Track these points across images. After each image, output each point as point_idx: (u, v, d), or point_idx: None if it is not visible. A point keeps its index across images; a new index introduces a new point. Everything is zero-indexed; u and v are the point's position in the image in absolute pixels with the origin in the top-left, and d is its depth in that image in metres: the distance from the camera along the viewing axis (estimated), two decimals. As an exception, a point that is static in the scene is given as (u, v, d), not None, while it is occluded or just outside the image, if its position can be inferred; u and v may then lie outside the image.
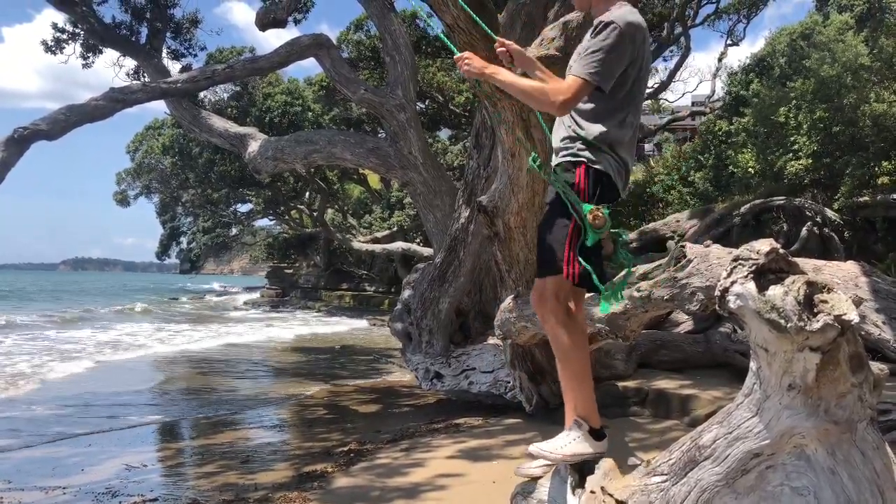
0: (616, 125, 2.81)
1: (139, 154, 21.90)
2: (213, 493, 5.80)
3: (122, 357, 16.64)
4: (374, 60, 18.96)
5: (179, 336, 21.99)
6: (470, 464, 6.11)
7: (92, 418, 9.37)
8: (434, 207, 10.10)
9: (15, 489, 6.29)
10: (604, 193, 2.80)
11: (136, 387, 12.20)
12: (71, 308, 33.93)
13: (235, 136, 10.61)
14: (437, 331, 9.32)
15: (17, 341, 18.69)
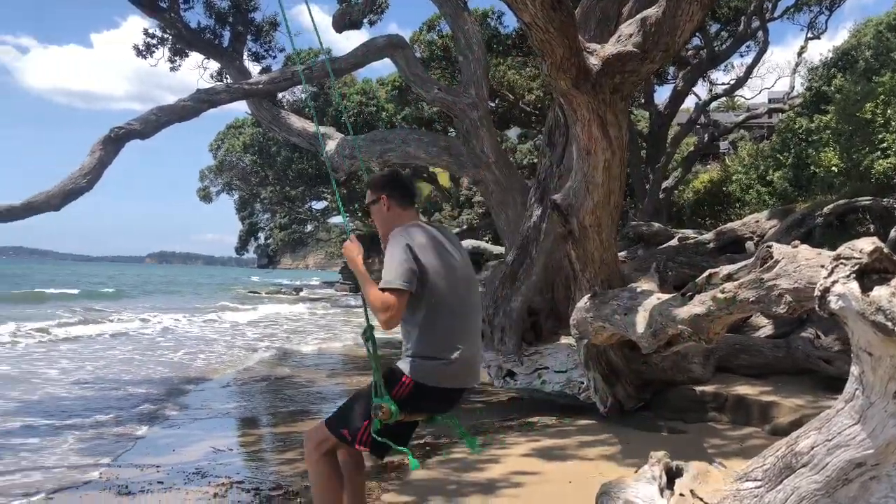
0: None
1: (221, 152, 22.69)
2: (294, 479, 5.99)
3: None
4: (445, 60, 19.09)
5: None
6: (545, 463, 6.12)
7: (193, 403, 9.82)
8: (505, 206, 10.12)
9: (113, 466, 6.67)
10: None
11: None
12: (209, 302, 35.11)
13: (313, 136, 10.88)
14: (509, 329, 9.33)
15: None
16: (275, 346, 17.94)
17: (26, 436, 7.78)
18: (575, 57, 5.42)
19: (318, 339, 20.29)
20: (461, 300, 3.23)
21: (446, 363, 3.15)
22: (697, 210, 24.19)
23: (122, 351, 15.94)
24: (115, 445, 7.46)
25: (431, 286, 3.12)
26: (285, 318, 27.78)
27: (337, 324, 25.94)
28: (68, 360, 14.09)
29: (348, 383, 12.26)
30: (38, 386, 10.96)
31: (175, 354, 15.63)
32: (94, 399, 10.07)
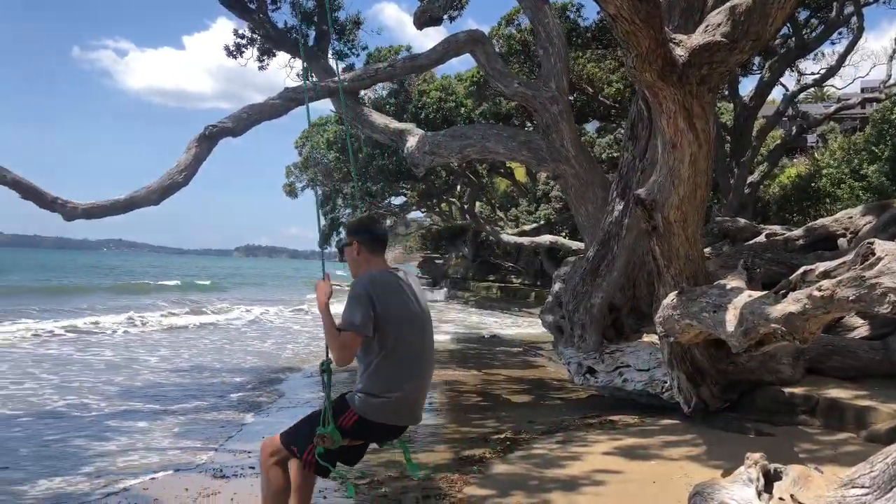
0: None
1: (306, 149, 23.35)
2: (379, 468, 6.13)
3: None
4: (524, 54, 18.97)
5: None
6: (627, 462, 6.05)
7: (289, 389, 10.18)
8: (586, 200, 10.00)
9: (208, 449, 6.99)
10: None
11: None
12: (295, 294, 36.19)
13: (395, 132, 11.02)
14: (590, 325, 9.24)
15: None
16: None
17: (135, 419, 8.25)
18: (661, 48, 5.32)
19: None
20: (412, 347, 3.46)
21: (390, 403, 3.40)
22: (784, 205, 23.31)
23: (212, 340, 16.63)
24: (219, 431, 7.82)
25: (385, 332, 3.35)
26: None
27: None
28: (166, 348, 14.82)
29: (427, 376, 12.42)
30: (139, 372, 11.58)
31: (263, 344, 16.19)
32: (190, 386, 10.57)
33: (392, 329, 3.37)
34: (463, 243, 43.77)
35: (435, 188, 23.24)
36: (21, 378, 10.49)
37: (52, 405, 8.83)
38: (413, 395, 3.51)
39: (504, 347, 17.56)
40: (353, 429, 3.41)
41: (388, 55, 17.48)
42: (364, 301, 3.31)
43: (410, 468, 3.81)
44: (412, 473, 3.97)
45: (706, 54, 5.55)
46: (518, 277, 40.09)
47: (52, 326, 17.06)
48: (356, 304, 3.32)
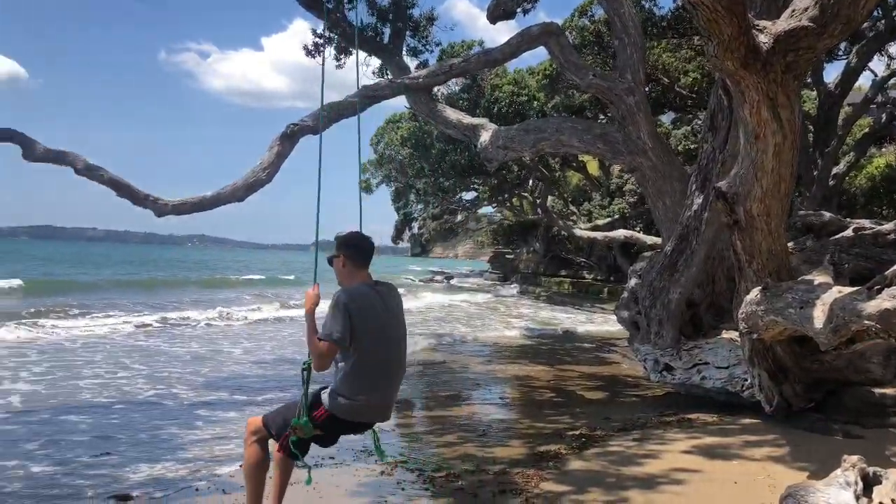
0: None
1: (381, 146, 23.67)
2: (454, 462, 6.20)
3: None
4: (597, 46, 18.65)
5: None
6: (707, 461, 5.93)
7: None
8: (663, 194, 9.79)
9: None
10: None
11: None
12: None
13: (468, 127, 11.04)
14: (667, 322, 9.07)
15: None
16: (429, 332, 18.49)
17: (222, 409, 8.58)
18: (744, 35, 5.17)
19: (471, 327, 20.69)
20: (383, 356, 3.80)
21: (358, 404, 3.76)
22: (872, 198, 22.20)
23: (291, 333, 17.08)
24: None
25: (359, 342, 3.67)
26: (438, 305, 28.57)
27: (487, 312, 26.31)
28: (248, 341, 15.33)
29: (502, 371, 12.45)
30: (224, 364, 12.02)
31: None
32: (273, 378, 10.91)
33: (365, 341, 3.69)
34: (534, 238, 43.51)
35: (507, 183, 23.16)
36: (115, 368, 11.04)
37: (143, 394, 9.26)
38: (380, 400, 3.86)
39: (577, 343, 17.41)
40: (324, 423, 3.79)
41: (460, 51, 17.50)
42: (342, 314, 3.62)
43: (378, 454, 4.24)
44: (379, 458, 4.38)
45: (792, 40, 5.36)
46: (590, 273, 39.57)
47: (142, 319, 17.88)
48: (335, 317, 3.63)
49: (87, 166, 7.34)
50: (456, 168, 19.69)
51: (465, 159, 19.15)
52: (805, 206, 16.91)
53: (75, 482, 5.65)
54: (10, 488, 5.47)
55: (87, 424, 7.54)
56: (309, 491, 5.38)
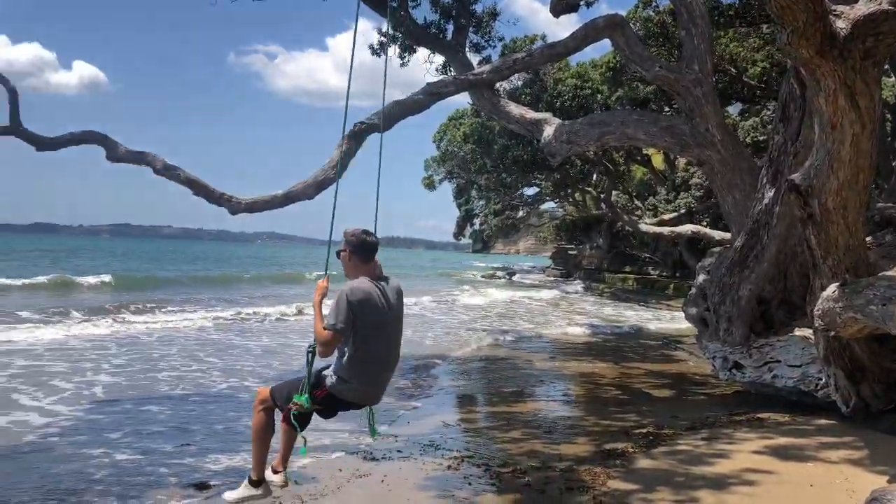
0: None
1: (443, 143, 23.79)
2: (521, 458, 6.21)
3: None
4: (662, 37, 18.27)
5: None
6: (780, 462, 5.78)
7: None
8: (733, 187, 9.56)
9: (359, 432, 7.33)
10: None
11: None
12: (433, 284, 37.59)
13: (531, 122, 10.98)
14: (737, 318, 8.86)
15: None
16: (492, 328, 18.51)
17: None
18: (819, 21, 5.00)
19: (533, 323, 20.61)
20: (379, 348, 4.15)
21: (354, 388, 4.13)
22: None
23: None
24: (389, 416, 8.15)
25: (358, 333, 4.00)
26: (501, 302, 28.55)
27: (549, 309, 26.14)
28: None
29: (565, 368, 12.38)
30: (294, 357, 12.30)
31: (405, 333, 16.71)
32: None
33: (364, 332, 4.02)
34: (597, 234, 42.99)
35: (570, 178, 22.96)
36: (189, 361, 11.44)
37: (217, 387, 9.57)
38: (373, 386, 4.22)
39: (642, 340, 17.15)
40: (323, 401, 4.16)
41: (523, 45, 17.43)
42: (345, 307, 3.95)
43: (371, 431, 4.54)
44: (371, 435, 4.64)
45: (871, 25, 5.17)
46: (655, 269, 38.87)
47: (218, 314, 18.42)
48: (339, 309, 3.96)
49: (165, 166, 7.63)
50: (518, 163, 19.62)
51: (527, 154, 19.06)
52: (884, 199, 16.22)
53: (158, 470, 5.90)
54: (97, 475, 5.75)
55: (166, 415, 7.84)
56: (379, 484, 5.52)
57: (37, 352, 11.67)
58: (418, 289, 34.67)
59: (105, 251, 73.31)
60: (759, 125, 23.24)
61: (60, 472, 5.74)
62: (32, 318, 15.76)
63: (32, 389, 8.78)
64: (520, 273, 62.87)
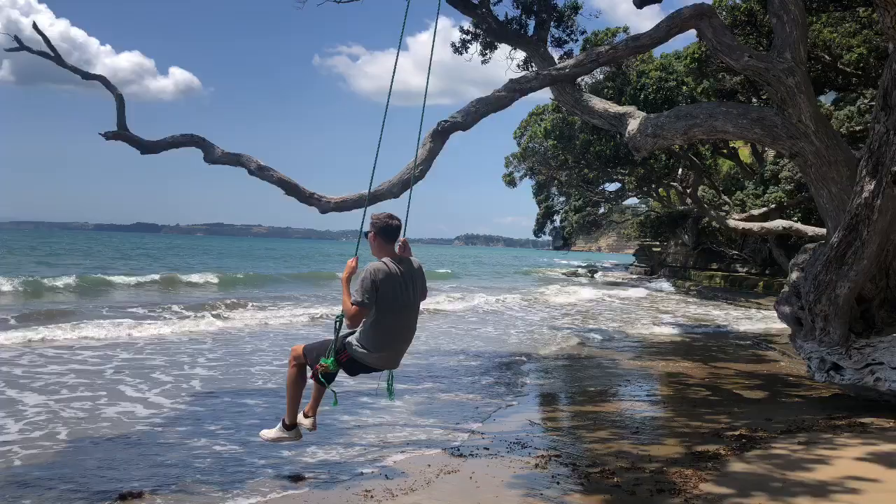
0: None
1: (524, 139, 23.68)
2: (609, 458, 6.15)
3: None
4: (749, 25, 17.64)
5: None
6: (886, 470, 5.53)
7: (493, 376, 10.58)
8: (828, 181, 9.14)
9: (440, 427, 7.44)
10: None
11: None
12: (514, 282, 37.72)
13: (615, 116, 10.80)
14: (834, 318, 8.48)
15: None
16: (575, 327, 18.34)
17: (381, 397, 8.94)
18: None
19: (617, 321, 20.30)
20: (397, 320, 4.64)
21: (374, 355, 4.66)
22: None
23: (438, 325, 17.52)
24: (451, 412, 8.30)
25: (379, 306, 4.50)
26: (583, 300, 28.22)
27: (633, 307, 25.67)
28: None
29: (652, 367, 12.14)
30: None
31: (483, 329, 16.75)
32: (427, 368, 11.26)
33: (384, 305, 4.51)
34: (683, 230, 41.81)
35: (654, 172, 22.40)
36: (280, 356, 11.82)
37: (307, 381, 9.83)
38: (391, 353, 4.74)
39: (731, 340, 16.62)
40: (346, 364, 4.72)
41: (605, 38, 17.15)
42: (369, 284, 4.45)
43: (388, 394, 5.08)
44: (389, 398, 5.18)
45: None
46: (743, 266, 37.55)
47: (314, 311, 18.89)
48: (363, 286, 4.45)
49: (259, 167, 7.90)
50: (601, 158, 19.34)
51: (609, 149, 18.77)
52: None
53: (255, 462, 6.15)
54: (198, 464, 6.04)
55: (262, 408, 8.15)
56: (467, 480, 5.57)
57: (138, 345, 12.33)
58: (500, 286, 34.77)
59: (200, 249, 76.99)
60: (856, 114, 22.13)
61: (167, 461, 6.07)
62: (136, 312, 16.71)
63: (137, 382, 9.29)
64: (602, 270, 61.98)
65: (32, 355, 10.89)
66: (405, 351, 4.85)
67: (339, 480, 5.68)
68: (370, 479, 5.69)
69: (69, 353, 11.28)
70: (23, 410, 7.58)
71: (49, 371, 9.78)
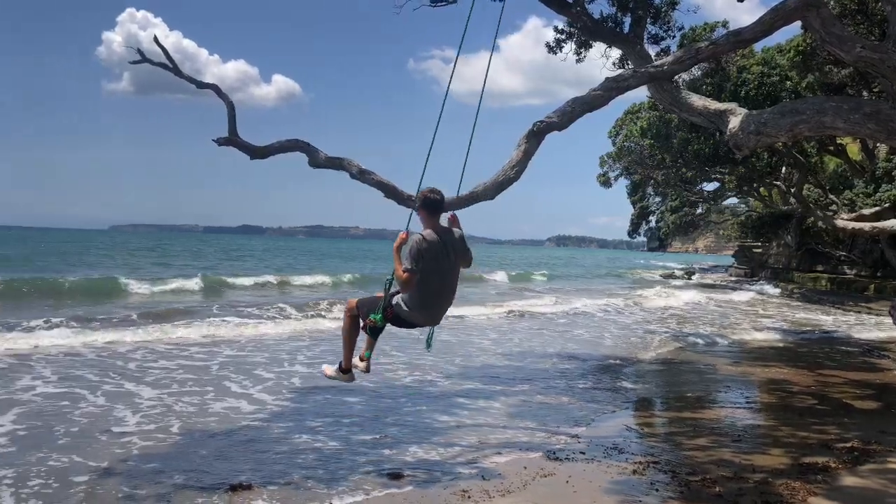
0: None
1: (619, 138, 23.24)
2: (710, 467, 5.99)
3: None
4: (860, 14, 16.71)
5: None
6: None
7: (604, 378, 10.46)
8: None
9: (536, 429, 7.43)
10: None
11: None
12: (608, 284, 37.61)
13: (715, 113, 10.43)
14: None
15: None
16: (672, 330, 17.87)
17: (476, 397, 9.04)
18: None
19: (716, 325, 19.63)
20: (437, 283, 5.24)
21: (416, 313, 5.31)
22: None
23: (528, 326, 17.45)
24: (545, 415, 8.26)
25: (423, 271, 5.10)
26: (681, 303, 27.39)
27: (733, 310, 24.73)
28: (493, 332, 15.95)
29: (753, 374, 11.70)
30: (474, 354, 12.63)
31: (576, 332, 16.56)
32: (521, 369, 11.25)
33: (426, 270, 5.11)
34: (786, 231, 39.95)
35: (755, 171, 21.51)
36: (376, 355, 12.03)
37: (403, 380, 10.04)
38: (433, 312, 5.38)
39: (840, 346, 15.75)
40: (392, 319, 5.39)
41: (703, 34, 16.65)
42: (415, 252, 5.07)
43: (427, 344, 5.93)
44: (427, 348, 6.00)
45: None
46: (851, 268, 35.50)
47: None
48: (411, 254, 5.07)
49: (359, 170, 8.06)
50: (699, 157, 18.74)
51: (709, 148, 18.16)
52: None
53: (356, 459, 6.32)
54: (302, 460, 6.26)
55: (361, 406, 8.36)
56: (564, 484, 5.55)
57: (241, 342, 12.87)
58: (595, 289, 34.19)
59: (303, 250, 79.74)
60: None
61: (272, 455, 6.32)
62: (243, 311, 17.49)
63: (241, 378, 9.70)
64: (700, 272, 60.01)
65: (144, 350, 11.57)
66: (446, 310, 5.46)
67: (437, 480, 5.77)
68: (467, 479, 5.75)
69: (178, 349, 11.91)
70: (139, 403, 8.06)
71: (159, 366, 10.38)
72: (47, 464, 5.85)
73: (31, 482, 5.42)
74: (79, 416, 7.40)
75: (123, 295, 21.90)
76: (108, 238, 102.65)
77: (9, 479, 5.47)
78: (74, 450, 6.25)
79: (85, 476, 5.60)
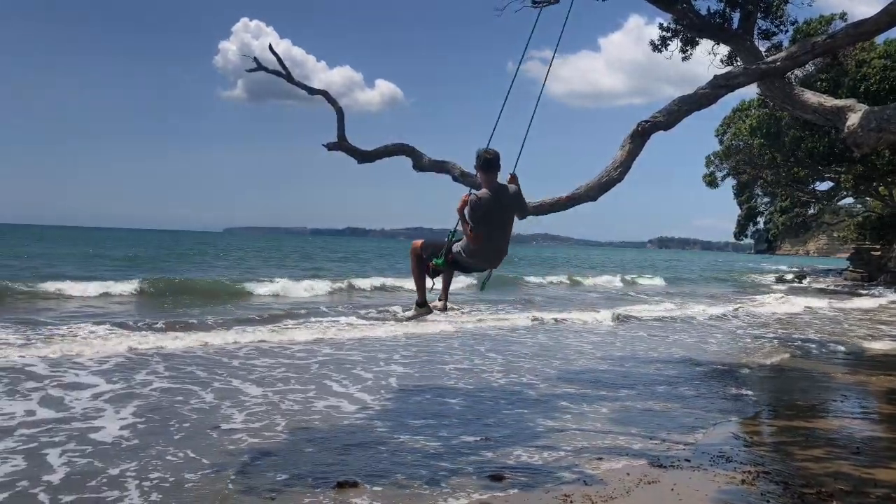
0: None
1: (727, 137, 22.39)
2: (825, 479, 5.72)
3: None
4: None
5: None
6: None
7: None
8: None
9: (639, 435, 7.26)
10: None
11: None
12: (713, 288, 36.69)
13: (831, 110, 9.91)
14: None
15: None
16: (784, 336, 17.08)
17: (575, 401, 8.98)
18: None
19: (830, 332, 18.61)
20: (493, 235, 5.86)
21: (473, 259, 6.01)
22: None
23: (625, 330, 17.11)
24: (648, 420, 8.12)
25: (482, 225, 5.72)
26: (793, 308, 26.07)
27: (849, 317, 23.34)
28: (592, 335, 15.76)
29: (871, 383, 11.03)
30: (571, 358, 12.52)
31: (680, 337, 16.11)
32: (622, 374, 11.07)
33: (483, 224, 5.74)
34: (909, 231, 37.39)
35: (875, 170, 20.29)
36: (471, 356, 12.17)
37: (499, 381, 10.07)
38: (487, 259, 6.07)
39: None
40: (453, 262, 6.12)
41: (818, 27, 15.85)
42: (476, 209, 5.65)
43: (481, 286, 6.84)
44: (480, 290, 6.97)
45: None
46: None
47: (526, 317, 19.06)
48: (472, 213, 5.67)
49: (461, 173, 8.16)
50: (813, 156, 17.86)
51: (823, 146, 17.28)
52: None
53: (457, 459, 6.38)
54: (405, 459, 6.38)
55: (461, 407, 8.43)
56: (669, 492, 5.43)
57: (339, 341, 13.25)
58: (700, 293, 32.96)
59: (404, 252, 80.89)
60: None
61: (375, 454, 6.46)
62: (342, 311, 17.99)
63: (340, 377, 9.96)
64: (811, 276, 56.95)
65: (248, 348, 12.07)
66: (502, 257, 6.10)
67: (539, 483, 5.74)
68: (569, 483, 5.71)
69: (279, 347, 12.36)
70: (245, 401, 8.38)
71: (262, 363, 10.74)
72: (165, 458, 6.13)
73: (152, 475, 5.71)
74: (189, 412, 7.76)
75: (247, 297, 22.47)
76: (221, 240, 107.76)
77: (132, 472, 5.77)
78: (188, 445, 6.54)
79: (197, 473, 5.81)
